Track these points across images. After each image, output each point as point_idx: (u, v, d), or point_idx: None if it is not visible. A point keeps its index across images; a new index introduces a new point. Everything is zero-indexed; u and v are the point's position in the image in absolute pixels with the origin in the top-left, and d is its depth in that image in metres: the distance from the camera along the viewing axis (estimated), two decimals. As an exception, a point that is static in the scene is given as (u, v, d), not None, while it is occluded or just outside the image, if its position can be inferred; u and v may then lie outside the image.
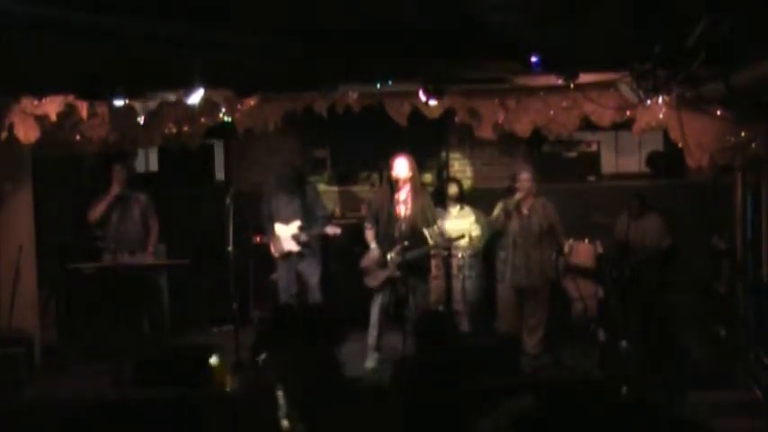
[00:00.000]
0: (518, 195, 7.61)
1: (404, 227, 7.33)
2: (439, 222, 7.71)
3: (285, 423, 3.99)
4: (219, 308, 8.75)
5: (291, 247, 8.09)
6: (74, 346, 8.16)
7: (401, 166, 7.38)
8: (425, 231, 7.48)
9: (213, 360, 6.21)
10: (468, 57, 6.17)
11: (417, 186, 7.50)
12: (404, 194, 7.38)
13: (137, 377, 6.80)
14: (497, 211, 7.77)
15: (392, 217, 7.35)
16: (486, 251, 8.26)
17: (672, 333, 6.90)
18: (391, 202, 7.35)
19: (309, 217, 8.10)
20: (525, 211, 7.62)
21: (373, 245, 7.44)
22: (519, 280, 7.63)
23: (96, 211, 8.20)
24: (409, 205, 7.36)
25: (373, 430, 4.19)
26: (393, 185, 7.40)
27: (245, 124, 7.95)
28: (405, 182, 7.35)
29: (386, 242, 7.36)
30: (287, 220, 8.11)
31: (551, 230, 7.73)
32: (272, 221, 8.19)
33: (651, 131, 8.34)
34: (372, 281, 7.41)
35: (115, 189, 8.20)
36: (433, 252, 7.80)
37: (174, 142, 8.30)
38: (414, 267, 7.31)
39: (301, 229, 8.04)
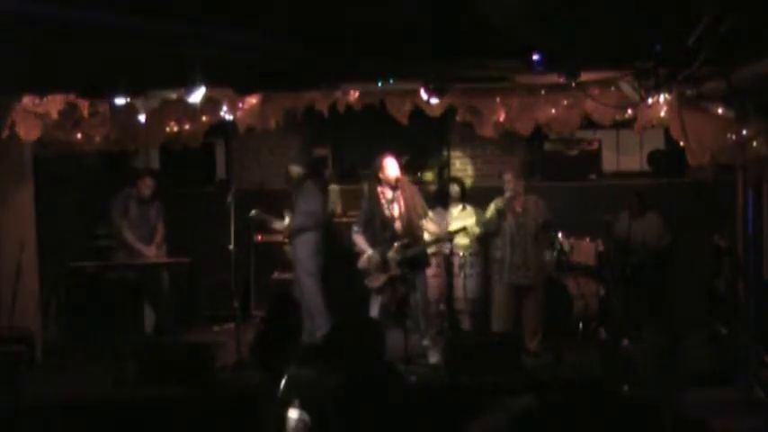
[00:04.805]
0: (506, 194, 7.59)
1: (400, 225, 7.33)
2: (432, 215, 7.69)
3: (292, 415, 3.98)
4: (221, 306, 8.77)
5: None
6: (75, 344, 8.17)
7: (394, 166, 7.37)
8: (426, 225, 7.48)
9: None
10: (469, 56, 6.18)
11: (405, 182, 7.49)
12: (394, 193, 7.37)
13: (138, 376, 6.82)
14: (490, 212, 7.77)
15: (387, 218, 7.34)
16: (487, 250, 8.25)
17: (672, 332, 6.90)
18: (385, 203, 7.34)
19: (297, 211, 8.22)
20: (519, 209, 7.62)
21: (370, 251, 7.39)
22: (518, 278, 7.63)
23: (122, 214, 8.33)
24: (401, 203, 7.35)
25: (373, 428, 4.19)
26: (384, 186, 7.39)
27: (246, 123, 7.95)
28: (398, 180, 7.36)
29: (383, 243, 7.34)
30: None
31: (546, 227, 7.73)
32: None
33: (652, 130, 8.33)
34: (374, 282, 7.40)
35: (144, 193, 8.37)
36: (434, 249, 7.82)
37: (176, 141, 8.31)
38: (413, 264, 7.31)
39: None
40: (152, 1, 5.37)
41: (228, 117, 7.76)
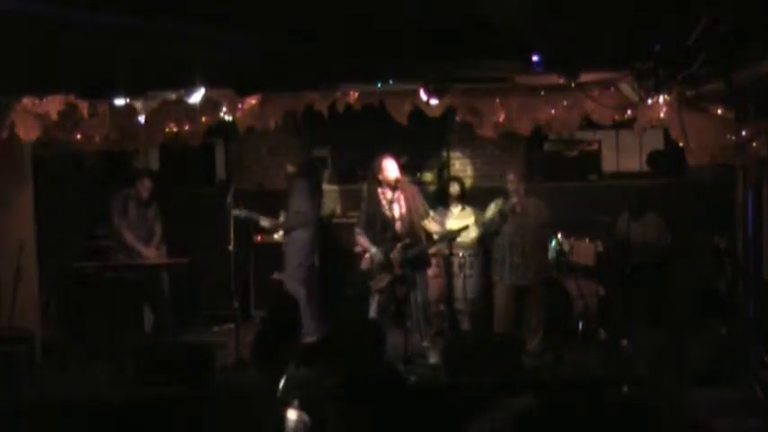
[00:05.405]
0: (515, 199, 7.58)
1: (401, 225, 7.34)
2: (433, 214, 7.70)
3: (292, 415, 3.99)
4: (220, 306, 8.77)
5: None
6: (75, 344, 8.16)
7: (393, 167, 7.40)
8: (428, 224, 7.49)
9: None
10: (469, 56, 6.17)
11: (405, 183, 7.51)
12: (395, 193, 7.39)
13: (137, 376, 6.82)
14: (491, 213, 7.76)
15: (388, 218, 7.35)
16: (487, 250, 8.25)
17: (672, 332, 6.90)
18: (386, 203, 7.35)
19: (288, 210, 8.31)
20: (519, 209, 7.62)
21: (374, 249, 7.41)
22: (518, 279, 7.63)
23: (121, 215, 8.35)
24: (402, 203, 7.37)
25: (373, 428, 4.20)
26: (383, 187, 7.40)
27: (245, 123, 7.95)
28: (398, 181, 7.37)
29: (386, 244, 7.35)
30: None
31: (546, 227, 7.73)
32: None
33: (652, 130, 8.33)
34: (378, 283, 7.40)
35: (142, 194, 8.41)
36: (434, 249, 7.82)
37: (175, 141, 8.31)
38: (415, 264, 7.32)
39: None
40: (152, 1, 5.37)
41: (228, 117, 7.76)
